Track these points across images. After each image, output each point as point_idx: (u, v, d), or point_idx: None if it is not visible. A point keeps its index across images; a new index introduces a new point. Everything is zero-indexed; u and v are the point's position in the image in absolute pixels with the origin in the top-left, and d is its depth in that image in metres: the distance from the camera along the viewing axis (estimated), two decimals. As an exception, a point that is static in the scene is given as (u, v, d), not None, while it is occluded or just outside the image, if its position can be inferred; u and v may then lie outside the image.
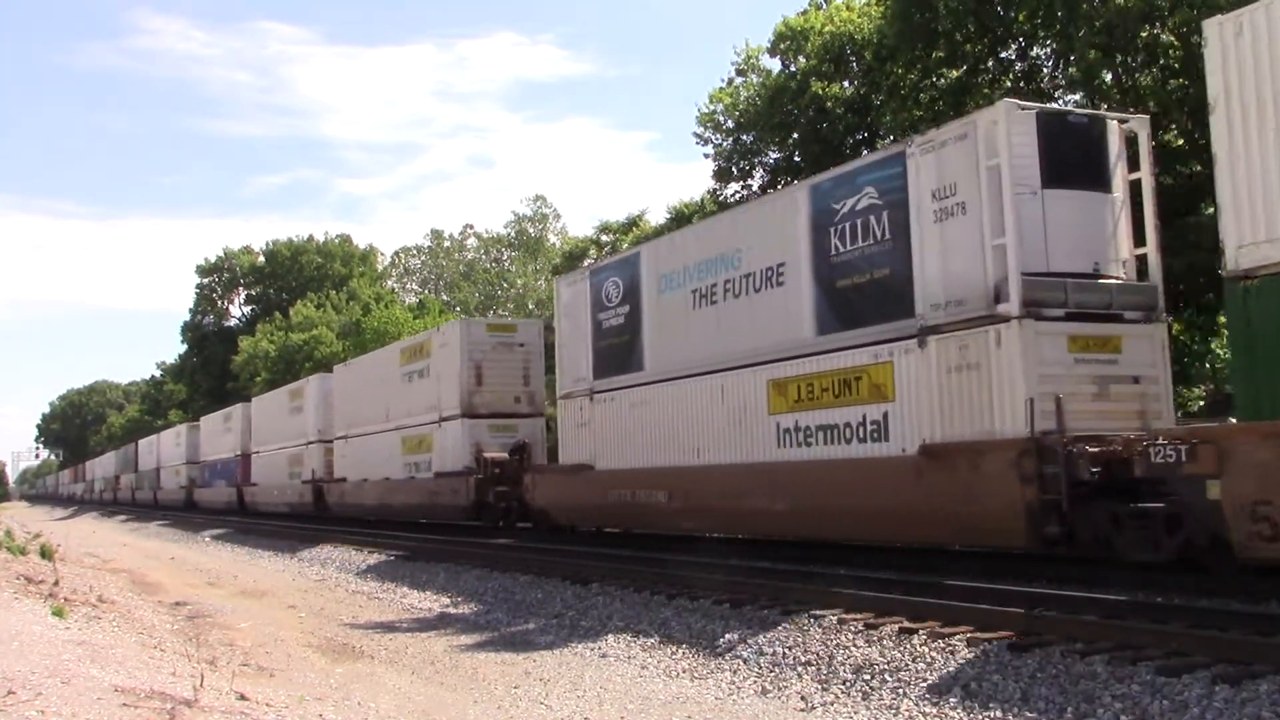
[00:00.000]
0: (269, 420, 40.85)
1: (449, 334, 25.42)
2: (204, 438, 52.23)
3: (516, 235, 75.60)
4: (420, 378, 26.70)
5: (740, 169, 34.30)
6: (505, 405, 24.47)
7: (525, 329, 25.52)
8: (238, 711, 7.37)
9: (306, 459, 35.24)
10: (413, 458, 26.77)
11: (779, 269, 14.84)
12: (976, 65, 24.75)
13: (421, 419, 26.35)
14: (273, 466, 39.46)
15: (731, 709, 8.37)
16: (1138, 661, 7.73)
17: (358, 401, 30.95)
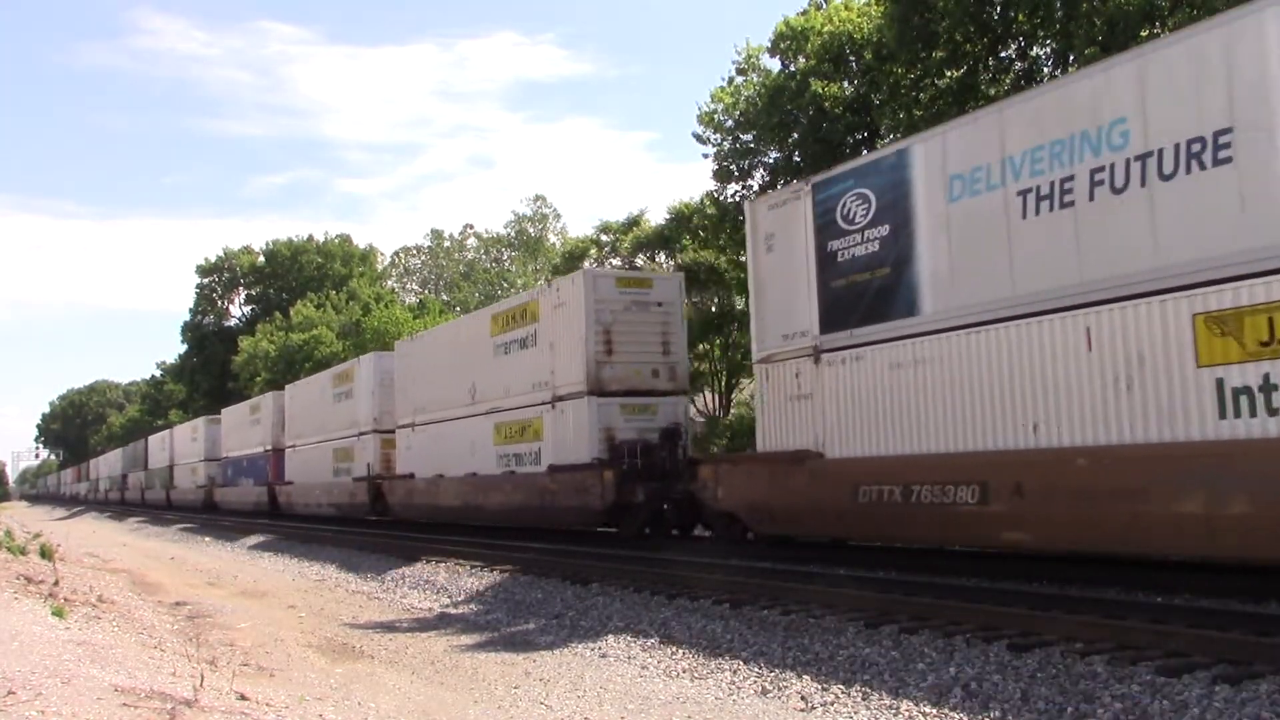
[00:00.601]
0: (307, 409, 35.96)
1: (568, 291, 20.11)
2: (226, 432, 47.71)
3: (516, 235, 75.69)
4: (522, 348, 21.84)
5: (740, 169, 34.29)
6: (641, 380, 19.44)
7: (663, 285, 20.51)
8: (238, 711, 7.36)
9: (359, 452, 30.44)
10: (511, 448, 22.06)
11: (1216, 141, 9.76)
12: (976, 65, 24.74)
13: (525, 399, 21.46)
14: (313, 462, 34.63)
15: (731, 709, 8.36)
16: (1138, 661, 7.74)
17: (430, 382, 26.03)
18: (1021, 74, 24.86)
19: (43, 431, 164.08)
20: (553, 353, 20.32)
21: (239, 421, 45.72)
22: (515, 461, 21.64)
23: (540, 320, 20.92)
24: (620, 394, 19.27)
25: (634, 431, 18.90)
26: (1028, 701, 7.58)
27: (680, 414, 19.64)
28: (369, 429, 30.03)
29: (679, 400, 19.85)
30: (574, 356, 19.51)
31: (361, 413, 30.61)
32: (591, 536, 20.93)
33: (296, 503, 36.14)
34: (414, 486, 26.48)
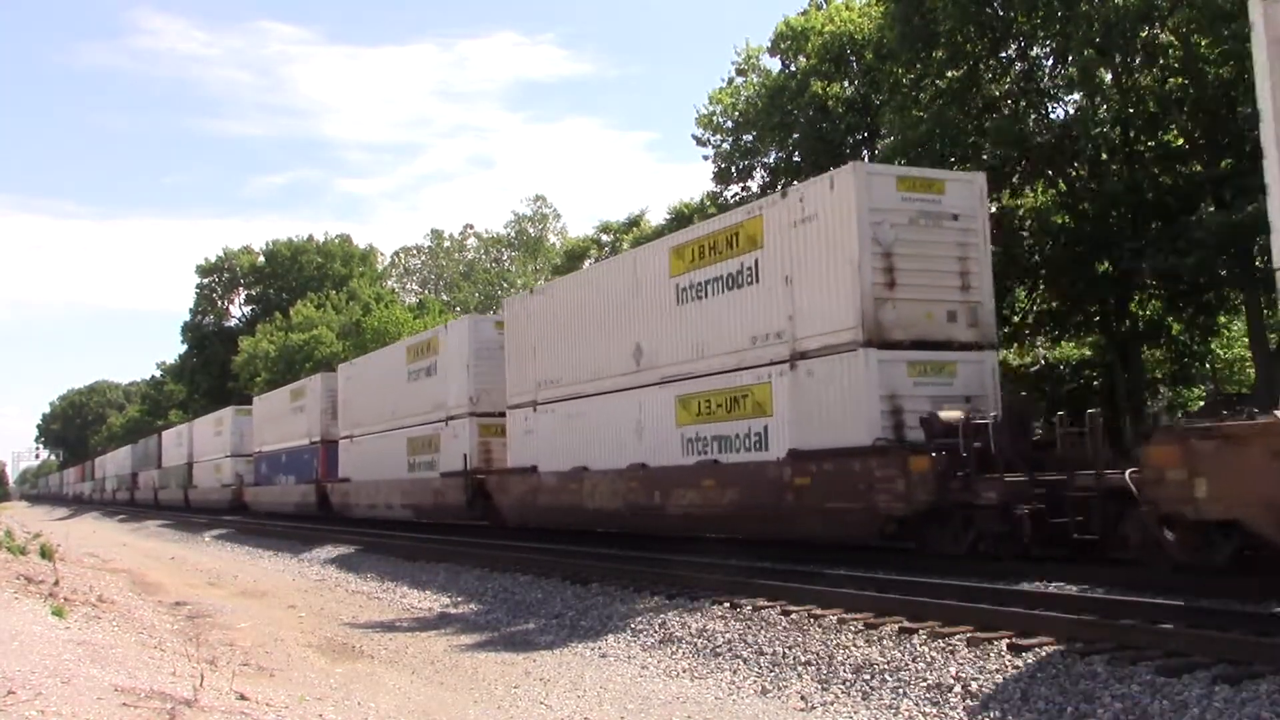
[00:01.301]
0: (370, 392, 30.40)
1: (823, 200, 14.23)
2: (259, 423, 42.17)
3: (516, 235, 75.69)
4: (731, 289, 15.88)
5: (740, 170, 34.30)
6: (934, 328, 13.88)
7: (958, 189, 14.44)
8: (238, 711, 7.37)
9: (447, 442, 24.78)
10: (710, 428, 16.19)
11: None
12: (976, 65, 24.73)
13: (739, 359, 15.63)
14: (379, 455, 28.89)
15: (731, 709, 8.36)
16: (1138, 661, 7.73)
17: (566, 347, 20.32)
18: (1022, 74, 24.85)
19: (43, 432, 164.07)
20: (791, 289, 14.58)
21: (276, 411, 40.12)
22: (718, 447, 16.00)
23: (763, 246, 15.20)
24: (906, 345, 13.73)
25: (927, 401, 13.47)
26: (1028, 701, 7.58)
27: (985, 378, 14.08)
28: (462, 412, 24.16)
29: (985, 358, 14.21)
30: (836, 292, 13.90)
31: (451, 393, 24.73)
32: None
33: (356, 504, 30.59)
34: (539, 484, 20.66)
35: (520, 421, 21.80)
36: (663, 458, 17.20)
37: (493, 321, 24.64)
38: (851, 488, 13.41)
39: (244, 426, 44.83)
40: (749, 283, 15.57)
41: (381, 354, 31.46)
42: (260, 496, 40.97)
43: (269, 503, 39.85)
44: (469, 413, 24.08)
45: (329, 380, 34.95)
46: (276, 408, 40.24)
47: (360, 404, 31.16)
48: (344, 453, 32.11)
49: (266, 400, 42.51)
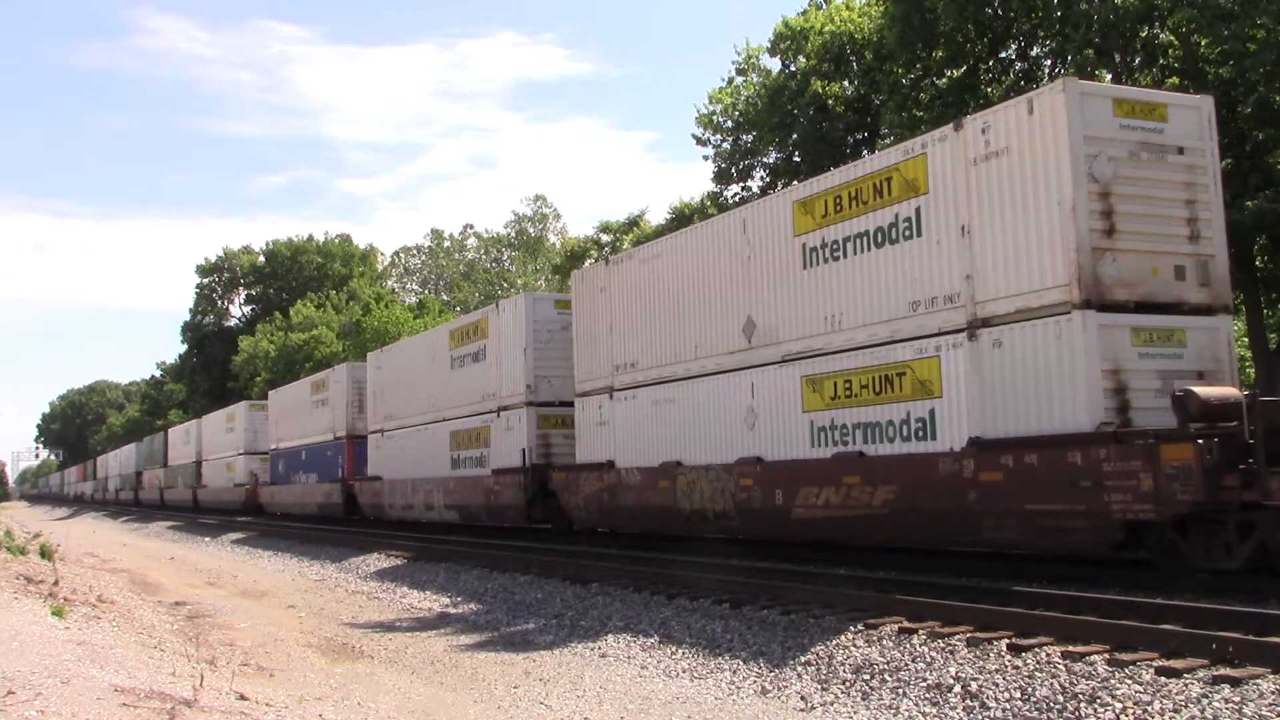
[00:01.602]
0: (404, 384, 27.68)
1: (1015, 124, 11.55)
2: (276, 418, 39.58)
3: (516, 235, 75.71)
4: (878, 246, 13.11)
5: (740, 170, 34.31)
6: (1160, 285, 11.25)
7: (1181, 115, 11.80)
8: (238, 711, 7.36)
9: (499, 435, 21.95)
10: (847, 414, 13.38)
11: None
12: (976, 65, 24.74)
13: (889, 327, 12.91)
14: (418, 451, 26.25)
15: (731, 709, 8.36)
16: (1138, 661, 7.73)
17: (653, 323, 17.43)
18: (1022, 74, 24.86)
19: (43, 431, 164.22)
20: (969, 241, 11.89)
21: (295, 405, 37.44)
22: (862, 437, 13.14)
23: (927, 191, 12.45)
24: (1130, 308, 11.09)
25: (1154, 376, 11.02)
26: (1028, 701, 7.58)
27: (1219, 346, 11.52)
28: (518, 402, 21.59)
29: (1219, 323, 11.58)
30: (1037, 244, 11.25)
31: (505, 380, 22.16)
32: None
33: (390, 503, 27.91)
34: (618, 481, 18.08)
35: (593, 411, 19.04)
36: (784, 450, 14.39)
37: (553, 300, 22.18)
38: (1067, 486, 10.63)
39: (258, 422, 42.44)
40: (907, 237, 12.70)
41: (419, 340, 28.39)
42: (277, 496, 38.45)
43: (287, 503, 37.34)
44: (526, 402, 21.32)
45: (355, 371, 32.18)
46: (295, 401, 37.34)
47: (394, 395, 28.18)
48: (374, 449, 29.30)
49: (284, 394, 39.76)
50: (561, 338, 20.94)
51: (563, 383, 20.81)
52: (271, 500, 39.05)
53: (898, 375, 12.77)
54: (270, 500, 39.24)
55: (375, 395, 29.55)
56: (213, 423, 50.18)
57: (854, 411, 13.33)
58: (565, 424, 20.75)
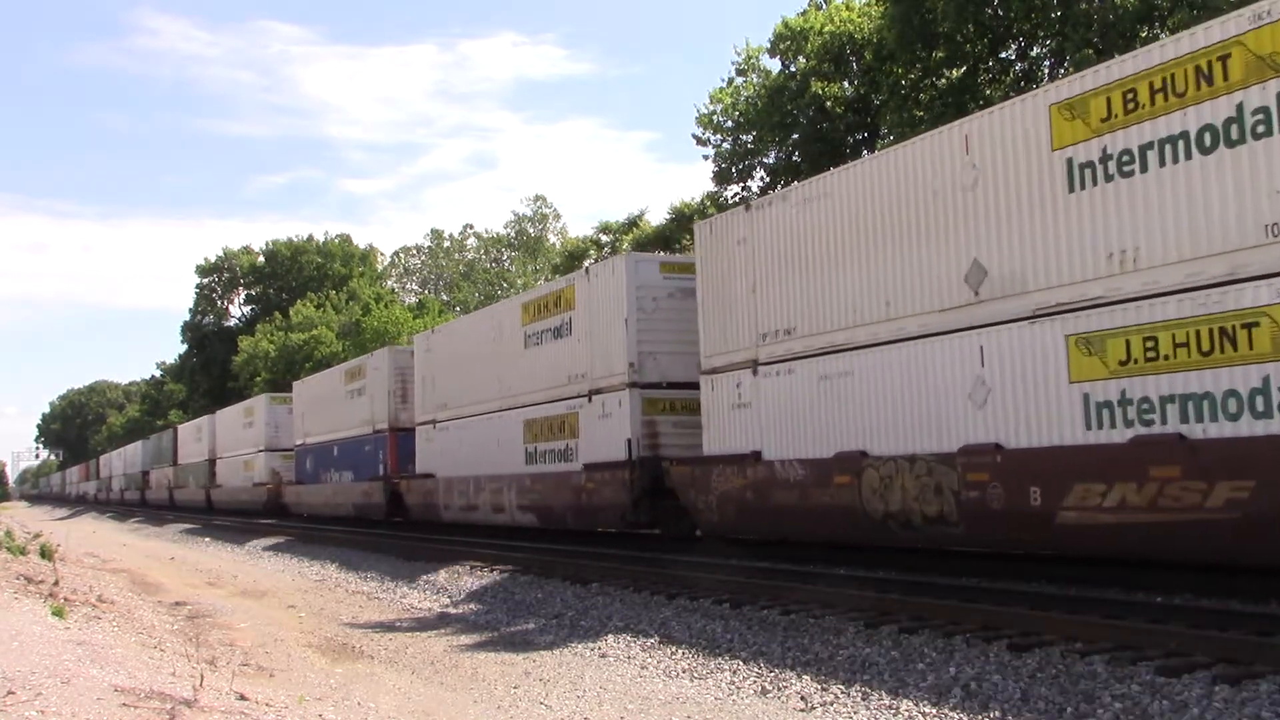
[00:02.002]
0: (462, 367, 23.82)
1: None
2: (302, 412, 36.09)
3: (516, 235, 75.75)
4: (1233, 141, 9.36)
5: (740, 170, 34.33)
6: None
7: None
8: (238, 711, 7.36)
9: (592, 424, 18.49)
10: (1147, 384, 9.85)
11: None
12: (976, 65, 24.76)
13: (1186, 269, 9.64)
14: (480, 444, 22.35)
15: (731, 709, 8.36)
16: (1138, 661, 7.74)
17: (818, 275, 13.86)
18: (1022, 74, 24.88)
19: (43, 431, 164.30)
20: None
21: (326, 396, 33.68)
22: (1180, 415, 9.57)
23: None
24: None
25: None
26: (1028, 701, 7.58)
27: None
28: (617, 383, 17.75)
29: None
30: None
31: (598, 358, 18.41)
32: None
33: (445, 505, 24.02)
34: (769, 477, 14.43)
35: (727, 391, 15.51)
36: (1037, 434, 10.84)
37: (658, 262, 19.05)
38: None
39: (280, 417, 39.28)
40: (1260, 135, 9.19)
41: (480, 316, 24.82)
42: (305, 497, 34.84)
43: (316, 503, 33.74)
44: (628, 383, 17.63)
45: (398, 356, 28.40)
46: (326, 392, 33.66)
47: (449, 381, 24.27)
48: (424, 442, 25.45)
49: (312, 385, 36.20)
50: (668, 306, 17.81)
51: (670, 360, 17.62)
52: (298, 500, 35.70)
53: (1245, 328, 9.16)
54: (296, 500, 35.84)
55: (425, 382, 25.56)
56: (228, 418, 46.65)
57: (1163, 380, 9.76)
58: (675, 409, 17.58)
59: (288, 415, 38.45)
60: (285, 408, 39.10)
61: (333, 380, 33.28)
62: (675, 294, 17.81)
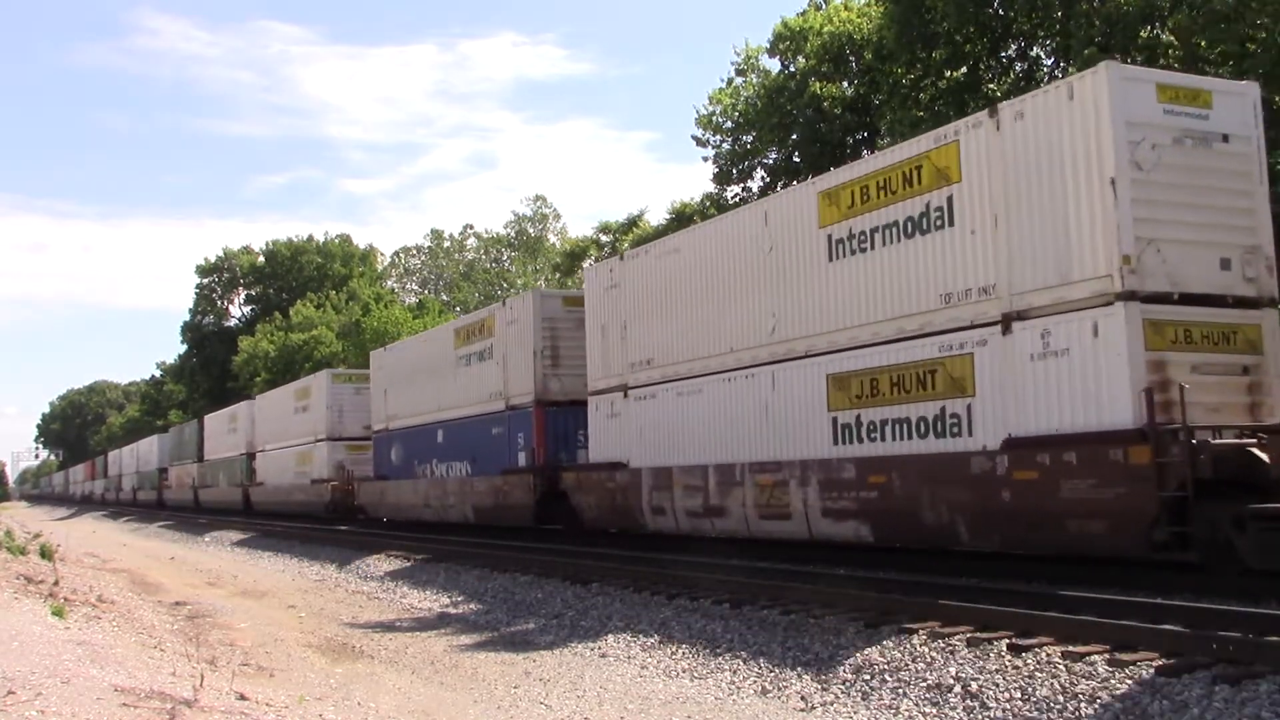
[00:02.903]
0: (688, 308, 16.62)
1: None
2: (383, 389, 28.71)
3: (516, 235, 75.73)
4: None
5: (740, 170, 34.31)
6: None
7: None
8: (238, 711, 7.36)
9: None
10: None
11: None
12: (977, 65, 24.75)
13: None
14: (728, 420, 15.57)
15: (731, 709, 8.36)
16: (1138, 661, 7.73)
17: None
18: (1022, 74, 24.87)
19: (43, 431, 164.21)
20: None
21: (424, 365, 26.18)
22: None
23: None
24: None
25: None
26: (1028, 701, 7.58)
27: None
28: (1107, 294, 10.53)
29: None
30: None
31: (1051, 250, 11.09)
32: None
33: (660, 506, 16.91)
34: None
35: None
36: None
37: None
38: None
39: (345, 398, 32.71)
40: None
41: (721, 224, 16.83)
42: (393, 495, 27.55)
43: (407, 504, 26.67)
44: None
45: (546, 303, 21.18)
46: (422, 361, 26.32)
47: (662, 327, 17.16)
48: (603, 419, 18.54)
49: (399, 353, 28.69)
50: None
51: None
52: (380, 501, 28.52)
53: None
54: (378, 501, 28.60)
55: (616, 332, 18.30)
56: (274, 403, 39.48)
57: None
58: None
59: (356, 396, 32.30)
60: (353, 387, 32.73)
61: (437, 344, 25.78)
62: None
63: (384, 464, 28.54)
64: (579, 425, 19.77)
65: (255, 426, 41.48)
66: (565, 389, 20.66)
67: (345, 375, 34.43)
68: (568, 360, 20.60)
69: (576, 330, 20.09)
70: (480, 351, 23.21)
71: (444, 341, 25.38)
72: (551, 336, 20.93)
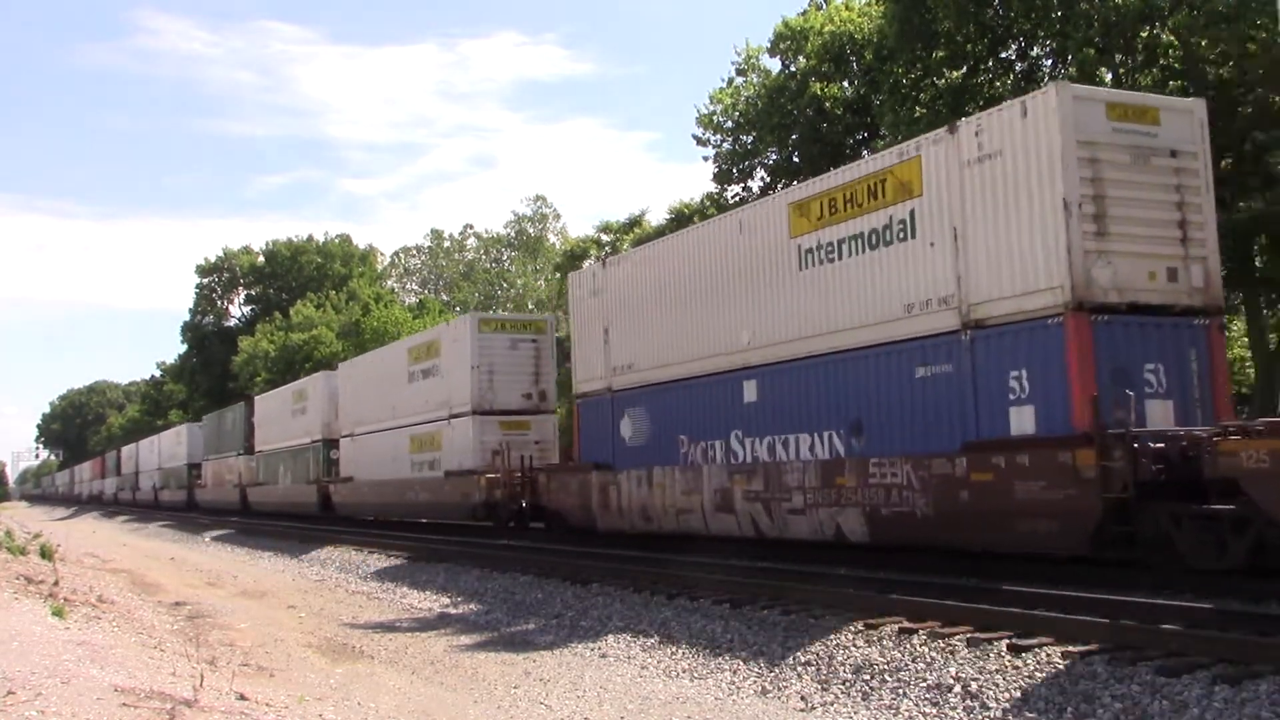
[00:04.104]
0: None
1: None
2: (608, 325, 18.59)
3: (516, 235, 75.72)
4: None
5: (740, 170, 34.31)
6: None
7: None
8: (238, 711, 7.37)
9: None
10: None
11: None
12: (977, 65, 24.75)
13: None
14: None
15: (731, 709, 8.36)
16: (1138, 661, 7.74)
17: None
18: (1022, 74, 24.86)
19: (43, 431, 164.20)
20: None
21: (698, 287, 16.54)
22: None
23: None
24: None
25: None
26: (1028, 701, 7.58)
27: None
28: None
29: None
30: None
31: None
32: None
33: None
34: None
35: None
36: None
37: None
38: None
39: (498, 354, 23.44)
40: None
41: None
42: (640, 497, 17.27)
43: (675, 508, 16.47)
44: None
45: None
46: (701, 275, 16.51)
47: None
48: None
49: (635, 261, 18.64)
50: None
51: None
52: (625, 507, 17.59)
53: None
54: (611, 505, 17.95)
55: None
56: (369, 370, 29.82)
57: None
58: None
59: (513, 352, 23.37)
60: (508, 338, 23.52)
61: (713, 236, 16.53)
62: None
63: (615, 447, 18.31)
64: None
65: (338, 405, 32.02)
66: None
67: (497, 322, 24.85)
68: None
69: None
70: (901, 225, 13.19)
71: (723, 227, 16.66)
72: None
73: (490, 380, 23.42)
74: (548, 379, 24.05)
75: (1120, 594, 10.02)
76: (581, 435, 19.55)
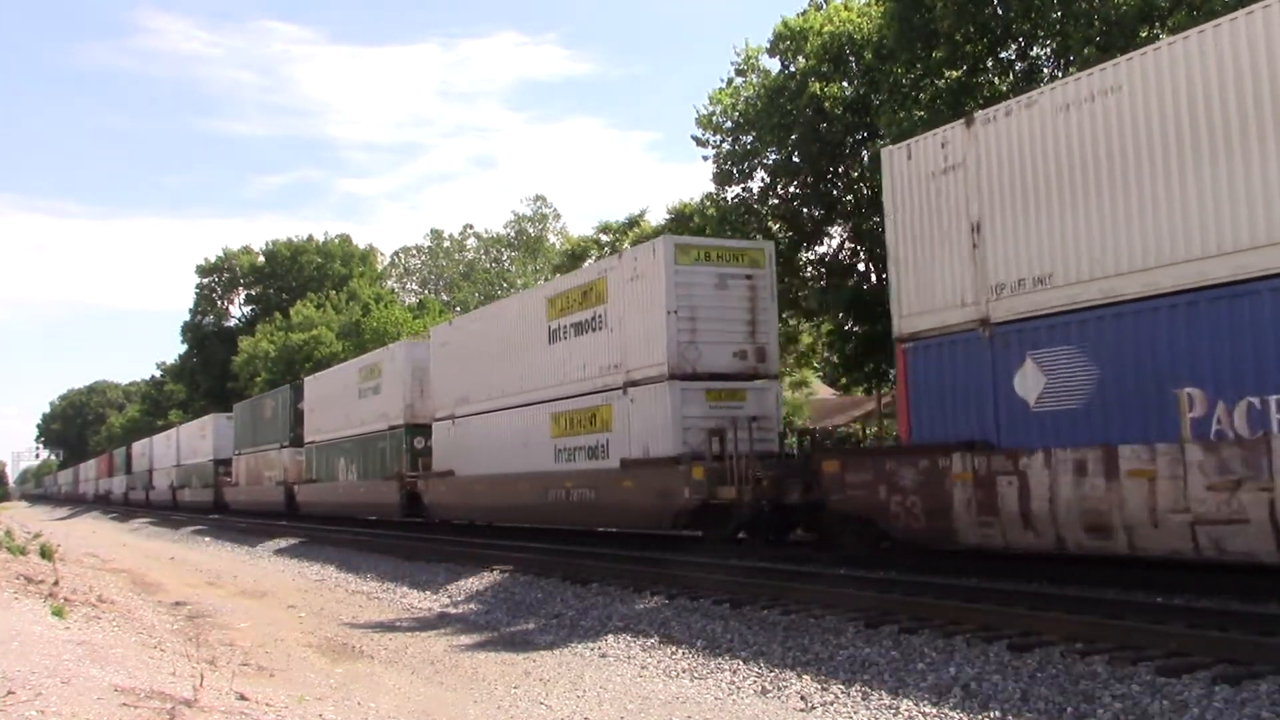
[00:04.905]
0: None
1: None
2: (910, 259, 13.25)
3: (516, 235, 75.75)
4: None
5: (740, 171, 34.27)
6: None
7: None
8: (238, 711, 7.36)
9: None
10: None
11: None
12: (976, 65, 24.74)
13: None
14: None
15: (731, 709, 8.36)
16: (1138, 661, 7.74)
17: None
18: (1022, 74, 24.86)
19: (43, 431, 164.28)
20: None
21: None
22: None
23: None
24: None
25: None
26: (1028, 701, 7.58)
27: None
28: None
29: None
30: None
31: None
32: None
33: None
34: None
35: None
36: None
37: None
38: None
39: (700, 294, 17.10)
40: None
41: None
42: (1151, 496, 9.67)
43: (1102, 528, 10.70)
44: None
45: None
46: None
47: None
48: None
49: None
50: None
51: None
52: (1009, 509, 11.10)
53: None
54: (1003, 509, 11.14)
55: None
56: (481, 330, 23.71)
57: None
58: None
59: (722, 293, 17.15)
60: (714, 271, 17.17)
61: None
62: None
63: (968, 409, 12.42)
64: None
65: (426, 380, 26.15)
66: None
67: (699, 249, 17.53)
68: None
69: None
70: None
71: None
72: None
73: (692, 332, 16.99)
74: (768, 330, 17.47)
75: (1120, 594, 10.02)
76: (916, 400, 13.12)
